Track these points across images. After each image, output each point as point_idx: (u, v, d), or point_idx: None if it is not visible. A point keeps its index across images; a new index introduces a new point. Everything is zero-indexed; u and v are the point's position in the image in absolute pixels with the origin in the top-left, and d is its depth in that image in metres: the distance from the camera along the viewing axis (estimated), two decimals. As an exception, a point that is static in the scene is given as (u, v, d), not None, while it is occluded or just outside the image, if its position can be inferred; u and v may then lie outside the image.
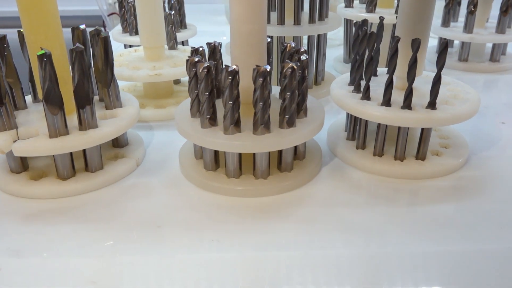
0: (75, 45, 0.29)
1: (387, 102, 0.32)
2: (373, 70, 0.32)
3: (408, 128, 0.32)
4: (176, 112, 0.32)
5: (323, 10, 0.45)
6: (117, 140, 0.35)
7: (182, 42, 0.53)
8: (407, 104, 0.31)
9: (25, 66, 0.34)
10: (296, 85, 0.29)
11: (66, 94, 0.30)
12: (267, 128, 0.29)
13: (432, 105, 0.31)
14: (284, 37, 0.44)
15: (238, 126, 0.29)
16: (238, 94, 0.28)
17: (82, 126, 0.30)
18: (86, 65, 0.29)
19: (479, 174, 0.33)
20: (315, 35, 0.46)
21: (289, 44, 0.33)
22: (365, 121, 0.33)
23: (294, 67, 0.28)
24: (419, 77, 0.35)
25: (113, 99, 0.34)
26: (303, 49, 0.32)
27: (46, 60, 0.27)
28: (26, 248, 0.26)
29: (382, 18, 0.35)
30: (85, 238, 0.26)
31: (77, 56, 0.28)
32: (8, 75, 0.32)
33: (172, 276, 0.24)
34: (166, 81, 0.43)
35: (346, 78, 0.37)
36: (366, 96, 0.33)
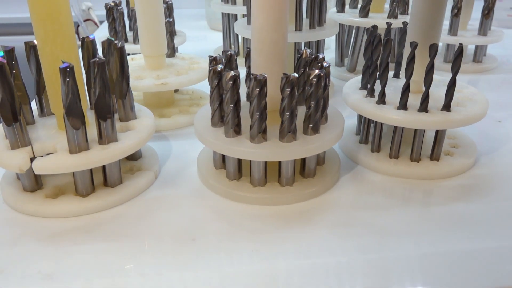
0: (95, 56, 0.28)
1: (404, 106, 0.32)
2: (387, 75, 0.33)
3: (424, 130, 0.33)
4: (195, 122, 0.32)
5: (322, 16, 0.45)
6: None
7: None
8: (424, 107, 0.32)
9: (29, 78, 0.33)
10: (321, 93, 0.29)
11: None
12: (294, 135, 0.29)
13: (447, 107, 0.32)
14: (301, 43, 0.45)
15: (264, 134, 0.29)
16: (266, 104, 0.28)
17: (103, 140, 0.29)
18: (107, 77, 0.28)
19: (489, 172, 0.34)
20: (314, 41, 0.46)
21: (305, 50, 0.33)
22: (380, 124, 0.34)
23: (321, 75, 0.28)
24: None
25: (127, 111, 0.33)
26: (322, 55, 0.32)
27: (69, 72, 0.26)
28: (58, 271, 0.24)
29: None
30: (119, 256, 0.25)
31: (99, 68, 0.27)
32: (16, 89, 0.31)
33: (219, 290, 0.23)
34: (169, 90, 0.43)
35: (356, 83, 0.37)
36: (382, 100, 0.33)
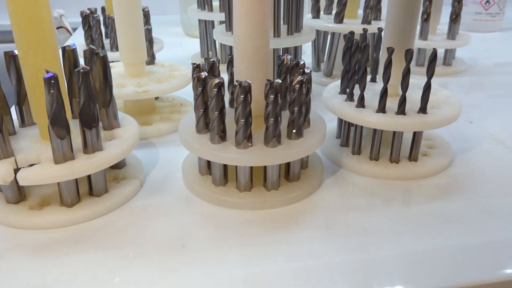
0: (77, 65, 0.28)
1: (383, 109, 0.34)
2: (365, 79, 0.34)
3: (402, 132, 0.34)
4: (180, 129, 0.32)
5: (299, 22, 0.46)
6: (117, 161, 0.34)
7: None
8: (402, 110, 0.33)
9: (8, 88, 0.32)
10: (304, 98, 0.30)
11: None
12: (279, 140, 0.30)
13: (423, 110, 0.34)
14: (279, 49, 0.45)
15: (250, 139, 0.30)
16: (250, 111, 0.29)
17: (88, 149, 0.29)
18: (91, 86, 0.28)
19: (465, 171, 0.36)
20: (292, 47, 0.47)
21: (286, 57, 0.34)
22: (360, 127, 0.35)
23: (304, 81, 0.29)
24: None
25: (111, 120, 0.33)
26: (302, 61, 0.33)
27: (54, 82, 0.26)
28: (47, 283, 0.24)
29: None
30: (109, 265, 0.25)
31: (83, 77, 0.27)
32: (-4, 100, 0.30)
33: (212, 295, 0.24)
34: (150, 97, 0.42)
35: (335, 87, 0.38)
36: (361, 104, 0.34)
